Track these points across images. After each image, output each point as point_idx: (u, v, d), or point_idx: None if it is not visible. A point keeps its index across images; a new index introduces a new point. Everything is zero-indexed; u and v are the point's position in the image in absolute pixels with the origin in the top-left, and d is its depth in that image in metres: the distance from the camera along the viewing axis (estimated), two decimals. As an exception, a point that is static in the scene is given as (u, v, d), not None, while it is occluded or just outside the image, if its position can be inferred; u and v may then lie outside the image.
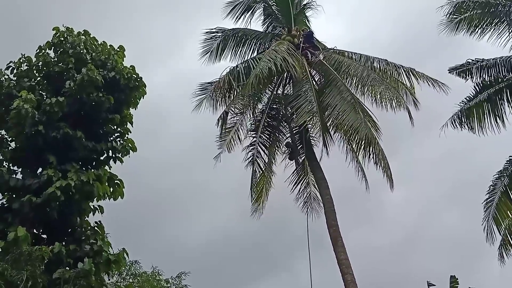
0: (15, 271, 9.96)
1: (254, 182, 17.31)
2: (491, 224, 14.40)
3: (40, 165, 12.65)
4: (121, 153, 13.87)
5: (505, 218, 14.36)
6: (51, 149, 12.46)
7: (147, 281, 16.48)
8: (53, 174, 11.95)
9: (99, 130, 13.71)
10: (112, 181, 13.37)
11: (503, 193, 14.32)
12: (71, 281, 10.64)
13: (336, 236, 14.64)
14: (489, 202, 14.52)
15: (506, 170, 14.64)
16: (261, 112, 16.97)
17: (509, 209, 14.31)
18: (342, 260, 14.31)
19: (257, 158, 16.98)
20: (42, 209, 11.73)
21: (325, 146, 15.54)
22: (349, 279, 13.97)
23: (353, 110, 14.02)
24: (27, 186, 12.09)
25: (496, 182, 14.61)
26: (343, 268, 14.21)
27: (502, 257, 14.65)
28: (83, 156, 13.07)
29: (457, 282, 21.21)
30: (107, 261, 12.24)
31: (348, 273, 14.07)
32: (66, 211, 12.20)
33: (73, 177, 11.99)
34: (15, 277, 9.81)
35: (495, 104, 15.26)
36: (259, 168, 17.26)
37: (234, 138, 16.41)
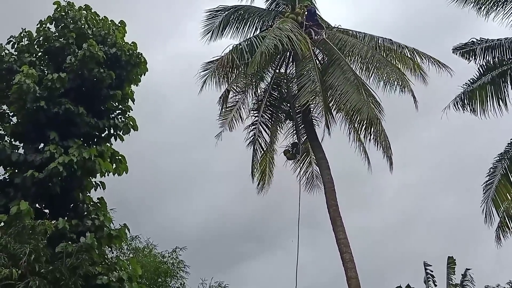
0: (18, 244, 10.05)
1: (255, 162, 17.38)
2: (490, 206, 14.46)
3: (42, 141, 12.64)
4: (123, 131, 13.85)
5: (504, 200, 14.42)
6: (52, 125, 12.44)
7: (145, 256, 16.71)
8: (55, 150, 11.96)
9: (100, 107, 13.65)
10: (114, 158, 13.41)
11: (503, 176, 14.34)
12: (74, 255, 10.76)
13: (336, 216, 14.78)
14: (489, 185, 14.56)
15: (506, 153, 14.64)
16: (264, 91, 16.92)
17: (508, 192, 14.35)
18: (340, 240, 14.48)
19: (258, 137, 17.01)
20: (44, 184, 11.78)
21: (327, 127, 15.54)
22: (347, 258, 14.17)
23: (356, 91, 13.98)
24: (30, 162, 12.11)
25: (496, 164, 14.63)
26: (341, 247, 14.40)
27: (499, 239, 14.78)
28: (84, 133, 13.06)
29: (454, 263, 21.62)
30: (108, 236, 12.37)
31: (347, 252, 14.26)
32: (68, 186, 12.26)
33: (75, 153, 12.01)
34: (18, 250, 9.91)
35: (498, 86, 15.16)
36: (261, 148, 17.31)
37: (235, 117, 16.43)
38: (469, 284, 20.25)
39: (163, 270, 16.35)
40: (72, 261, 10.73)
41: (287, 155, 16.27)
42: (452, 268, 21.22)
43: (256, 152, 17.14)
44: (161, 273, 16.28)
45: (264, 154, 17.25)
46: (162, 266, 16.46)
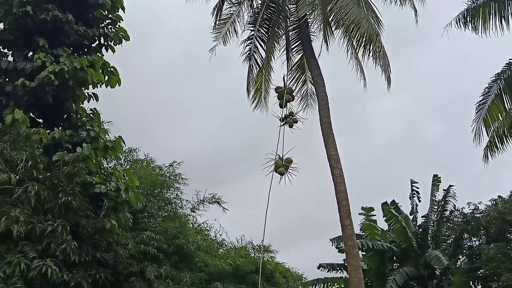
0: (14, 151, 10.16)
1: (251, 78, 17.11)
2: (480, 126, 14.63)
3: (31, 49, 12.34)
4: (113, 41, 13.49)
5: (495, 120, 14.56)
6: (40, 32, 12.06)
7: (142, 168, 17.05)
8: (46, 59, 11.73)
9: (89, 15, 13.17)
10: (106, 69, 13.17)
11: (497, 96, 14.36)
12: (70, 164, 10.96)
13: (328, 133, 14.90)
14: (482, 105, 14.62)
15: (503, 73, 14.53)
16: (261, 4, 16.20)
17: (500, 112, 14.45)
18: (332, 156, 14.73)
19: (254, 53, 16.57)
20: (36, 93, 11.69)
21: (325, 41, 15.10)
22: (337, 173, 14.52)
23: (356, 4, 13.41)
24: (20, 70, 11.90)
25: (491, 85, 14.58)
26: (332, 163, 14.69)
27: (487, 158, 15.13)
28: (74, 42, 12.71)
29: (439, 180, 22.39)
30: (104, 147, 12.54)
31: (337, 167, 14.57)
32: (61, 96, 12.18)
33: (65, 62, 11.80)
34: (14, 157, 10.05)
35: (502, 4, 14.65)
36: (256, 64, 16.96)
37: (230, 30, 15.87)
38: (452, 200, 21.12)
39: (160, 182, 16.78)
40: (69, 169, 10.98)
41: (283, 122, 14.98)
42: (437, 185, 22.03)
43: (252, 68, 16.83)
44: (157, 185, 16.73)
45: (259, 71, 16.95)
46: (159, 178, 16.87)
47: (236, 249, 16.71)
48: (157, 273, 14.01)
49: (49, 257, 9.76)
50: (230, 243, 17.54)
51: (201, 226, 17.72)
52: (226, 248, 17.47)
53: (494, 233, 20.29)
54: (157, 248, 14.52)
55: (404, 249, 20.95)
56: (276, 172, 12.80)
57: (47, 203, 10.40)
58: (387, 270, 20.96)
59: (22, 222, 9.40)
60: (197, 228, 17.54)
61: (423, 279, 20.88)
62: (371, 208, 22.29)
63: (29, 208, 9.91)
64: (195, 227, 17.50)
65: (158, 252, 14.48)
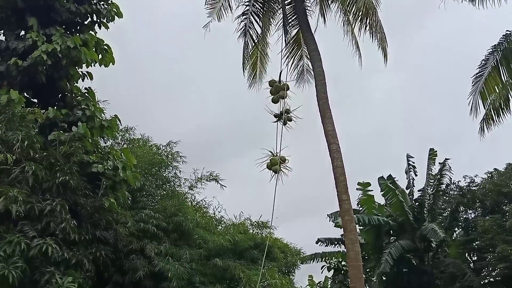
0: (10, 132, 10.11)
1: (246, 55, 16.93)
2: (477, 99, 14.58)
3: (22, 28, 12.13)
4: (106, 18, 13.27)
5: (492, 93, 14.49)
6: (32, 10, 11.89)
7: (139, 147, 17.02)
8: (37, 38, 11.57)
9: (80, -8, 12.91)
10: (100, 47, 13.00)
11: (493, 68, 14.25)
12: (67, 143, 10.93)
13: (325, 109, 14.84)
14: (478, 77, 14.52)
15: (500, 45, 14.38)
16: (256, -24, 15.89)
17: (497, 85, 14.37)
18: (329, 131, 14.71)
19: (249, 29, 16.36)
20: (29, 73, 11.57)
21: (322, 15, 14.89)
22: (334, 148, 14.52)
23: (353, -23, 13.20)
24: (12, 49, 11.76)
25: (488, 57, 14.45)
26: (329, 139, 14.67)
27: (483, 130, 15.13)
28: (66, 19, 12.53)
29: (435, 154, 22.52)
30: (100, 126, 12.50)
31: (334, 143, 14.56)
32: (55, 75, 12.07)
33: (58, 41, 11.64)
34: (10, 137, 10.00)
35: (499, -26, 14.42)
36: (252, 40, 16.76)
37: (224, 5, 15.61)
38: (448, 173, 21.26)
39: (157, 160, 16.78)
40: (66, 149, 10.95)
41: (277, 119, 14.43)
42: (433, 159, 22.15)
43: (247, 44, 16.64)
44: (155, 164, 16.74)
45: (255, 47, 16.76)
46: (156, 157, 16.87)
47: (234, 226, 16.84)
48: (157, 250, 14.15)
49: (49, 236, 9.84)
50: (228, 220, 17.69)
51: (200, 204, 17.83)
52: (225, 224, 17.61)
53: (490, 205, 20.52)
54: (157, 226, 14.63)
55: (400, 223, 21.21)
56: (269, 169, 12.32)
57: (45, 183, 10.42)
58: (383, 244, 21.27)
59: (20, 202, 9.44)
60: (196, 206, 17.64)
61: (419, 251, 21.23)
62: (368, 183, 22.45)
63: (27, 188, 9.94)
64: (193, 205, 17.60)
65: (157, 230, 14.60)
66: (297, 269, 21.82)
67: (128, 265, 13.68)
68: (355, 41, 15.80)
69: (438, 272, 20.20)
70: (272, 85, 13.61)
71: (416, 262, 21.33)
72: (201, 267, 14.73)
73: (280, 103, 13.38)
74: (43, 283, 9.46)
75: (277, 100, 13.36)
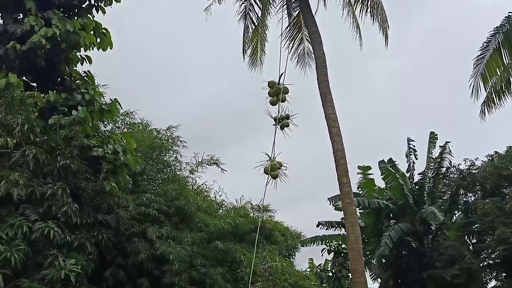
0: (10, 115, 10.10)
1: (246, 38, 16.81)
2: (478, 81, 14.51)
3: (20, 11, 12.03)
4: (104, 2, 13.13)
5: (493, 75, 14.41)
6: (29, -6, 11.73)
7: (139, 131, 17.01)
8: (35, 22, 11.49)
9: (77, -26, 12.77)
10: (98, 31, 12.91)
11: (495, 50, 14.14)
12: (67, 127, 10.92)
13: (326, 92, 14.80)
14: (480, 59, 14.43)
15: (502, 27, 14.25)
16: (256, -41, 15.68)
17: (498, 67, 14.28)
18: (329, 115, 14.69)
19: (249, 11, 16.22)
20: (28, 57, 11.52)
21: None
22: (334, 132, 14.52)
23: (354, -43, 13.03)
24: (11, 33, 11.68)
25: (490, 39, 14.33)
26: (329, 122, 14.66)
27: (484, 113, 15.10)
28: (64, 3, 12.43)
29: (435, 138, 22.49)
30: (100, 110, 12.48)
31: (335, 126, 14.55)
32: (54, 59, 12.01)
33: (57, 25, 11.57)
34: (10, 121, 10.00)
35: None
36: (252, 23, 16.63)
37: (224, -13, 15.44)
38: (448, 156, 21.22)
39: (158, 145, 16.78)
40: (66, 133, 10.96)
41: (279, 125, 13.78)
42: (433, 142, 22.12)
43: (248, 27, 16.51)
44: (155, 148, 16.75)
45: (255, 29, 16.62)
46: (157, 141, 16.87)
47: (235, 209, 16.93)
48: (159, 233, 14.27)
49: (50, 219, 9.91)
50: (229, 203, 17.77)
51: (201, 188, 17.89)
52: (226, 208, 17.70)
53: (490, 188, 20.56)
54: (158, 210, 14.73)
55: (400, 206, 21.29)
56: (268, 174, 11.74)
57: (46, 167, 10.45)
58: (383, 227, 21.39)
59: (22, 186, 9.48)
60: (197, 190, 17.71)
61: (418, 234, 21.36)
62: (368, 166, 22.47)
63: (28, 172, 9.97)
64: (194, 189, 17.67)
65: (158, 213, 14.69)
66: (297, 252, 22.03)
67: (130, 248, 13.81)
68: (356, 23, 15.68)
69: (437, 254, 20.38)
70: (271, 86, 12.98)
71: (415, 245, 21.49)
72: (202, 250, 14.87)
73: (279, 106, 12.88)
74: (46, 265, 9.56)
75: (275, 102, 12.74)
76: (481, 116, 15.25)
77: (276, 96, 12.58)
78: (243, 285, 13.79)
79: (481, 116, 15.25)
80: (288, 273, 14.98)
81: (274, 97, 12.62)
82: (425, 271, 19.83)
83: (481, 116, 15.25)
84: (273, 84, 12.97)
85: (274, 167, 11.76)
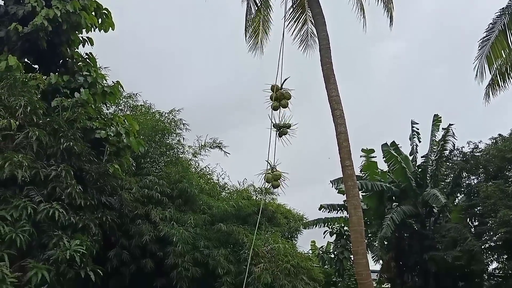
0: (12, 97, 10.09)
1: (248, 19, 16.65)
2: (483, 63, 14.39)
3: (21, -9, 11.92)
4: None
5: (498, 57, 14.28)
6: (28, -26, 11.59)
7: (142, 114, 17.01)
8: (36, 3, 11.40)
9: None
10: (100, 11, 12.80)
11: (501, 32, 13.97)
12: (70, 109, 10.92)
13: (329, 74, 14.68)
14: (485, 41, 14.28)
15: (508, 8, 14.04)
16: None
17: (503, 49, 14.14)
18: (332, 97, 14.59)
19: (252, -9, 16.02)
20: (30, 39, 11.46)
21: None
22: (338, 114, 14.43)
23: None
24: (12, 14, 11.60)
25: (496, 20, 14.13)
26: (333, 104, 14.57)
27: (488, 96, 15.03)
28: (64, -18, 12.24)
29: (439, 120, 22.39)
30: (102, 93, 12.45)
31: (338, 108, 14.46)
32: (55, 41, 11.95)
33: (58, 6, 11.47)
34: (13, 103, 10.00)
35: None
36: (254, 3, 16.45)
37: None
38: (451, 139, 21.15)
39: (161, 127, 16.79)
40: (69, 115, 10.96)
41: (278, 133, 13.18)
42: (437, 125, 22.02)
43: (250, 8, 16.34)
44: (158, 131, 16.77)
45: (257, 11, 16.44)
46: (160, 124, 16.87)
47: (238, 192, 17.01)
48: (162, 215, 14.38)
49: (55, 201, 9.98)
50: (232, 186, 17.85)
51: (203, 171, 17.96)
52: (229, 191, 17.79)
53: (493, 171, 20.50)
54: (161, 193, 14.81)
55: (403, 189, 21.33)
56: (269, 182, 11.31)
57: (49, 149, 10.48)
58: (386, 210, 21.46)
59: (26, 167, 9.52)
60: (200, 173, 17.78)
61: (420, 217, 21.44)
62: (371, 150, 22.45)
63: (32, 154, 10.01)
64: (197, 172, 17.74)
65: (162, 196, 14.79)
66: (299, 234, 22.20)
67: (134, 229, 13.95)
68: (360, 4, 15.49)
69: (439, 236, 20.44)
70: (275, 90, 12.28)
71: (417, 227, 21.58)
72: (205, 232, 15.00)
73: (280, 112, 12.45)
74: (51, 246, 9.67)
75: (277, 108, 12.13)
76: (486, 99, 15.18)
77: (279, 102, 12.27)
78: (245, 266, 13.92)
79: (486, 99, 15.18)
80: (290, 255, 15.11)
81: (276, 102, 12.03)
82: (427, 253, 19.95)
83: (486, 99, 15.18)
84: (277, 88, 12.36)
85: (277, 177, 11.34)
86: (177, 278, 13.73)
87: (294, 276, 14.51)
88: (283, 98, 12.13)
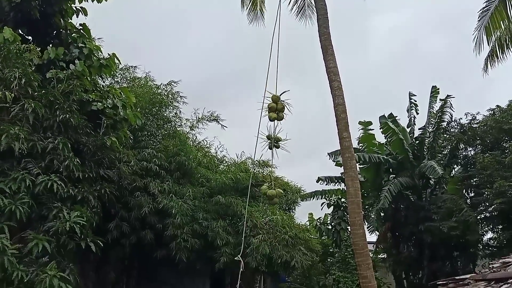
0: (6, 69, 9.96)
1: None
2: (482, 34, 14.19)
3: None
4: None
5: (497, 28, 14.06)
6: None
7: (140, 86, 16.86)
8: (27, -28, 11.13)
9: None
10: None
11: (500, 2, 13.71)
12: (65, 81, 10.80)
13: (327, 45, 14.48)
14: (485, 12, 14.03)
15: (509, -24, 13.77)
16: None
17: (502, 19, 13.90)
18: (330, 68, 14.43)
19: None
20: (22, 9, 11.25)
21: None
22: (335, 86, 14.31)
23: None
24: (2, -16, 11.31)
25: (497, -11, 13.90)
26: (331, 76, 14.41)
27: (487, 67, 14.89)
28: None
29: (437, 92, 22.29)
30: (98, 66, 12.30)
31: (336, 80, 14.32)
32: (48, 11, 11.74)
33: (49, -26, 11.21)
34: (7, 75, 9.87)
35: None
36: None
37: None
38: (449, 110, 21.05)
39: (158, 100, 16.69)
40: (64, 87, 10.85)
41: None
42: (435, 97, 21.90)
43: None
44: (155, 103, 16.67)
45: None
46: (157, 96, 16.75)
47: (236, 165, 17.08)
48: (161, 188, 14.47)
49: (53, 173, 9.99)
50: (230, 159, 17.91)
51: (201, 144, 17.97)
52: (227, 164, 17.85)
53: (490, 142, 20.52)
54: (159, 166, 14.86)
55: (400, 161, 21.40)
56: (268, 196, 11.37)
57: (46, 121, 10.42)
58: (383, 181, 21.58)
59: (22, 140, 9.49)
60: (197, 146, 17.79)
61: (417, 188, 21.58)
62: (369, 122, 22.38)
63: (28, 126, 9.96)
64: (195, 145, 17.74)
65: (160, 169, 14.84)
66: (297, 206, 22.44)
67: (133, 202, 14.07)
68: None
69: (435, 207, 20.61)
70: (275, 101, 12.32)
71: (414, 199, 21.74)
72: (204, 204, 15.14)
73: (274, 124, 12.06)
74: (51, 218, 9.74)
75: (274, 118, 12.04)
76: (484, 70, 15.06)
77: (277, 114, 11.84)
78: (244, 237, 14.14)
79: (484, 70, 15.06)
80: (288, 226, 15.31)
81: (273, 113, 11.87)
82: (423, 224, 20.17)
83: (484, 70, 15.06)
84: (275, 99, 12.28)
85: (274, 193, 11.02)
86: (176, 249, 13.94)
87: (292, 246, 14.74)
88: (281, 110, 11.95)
